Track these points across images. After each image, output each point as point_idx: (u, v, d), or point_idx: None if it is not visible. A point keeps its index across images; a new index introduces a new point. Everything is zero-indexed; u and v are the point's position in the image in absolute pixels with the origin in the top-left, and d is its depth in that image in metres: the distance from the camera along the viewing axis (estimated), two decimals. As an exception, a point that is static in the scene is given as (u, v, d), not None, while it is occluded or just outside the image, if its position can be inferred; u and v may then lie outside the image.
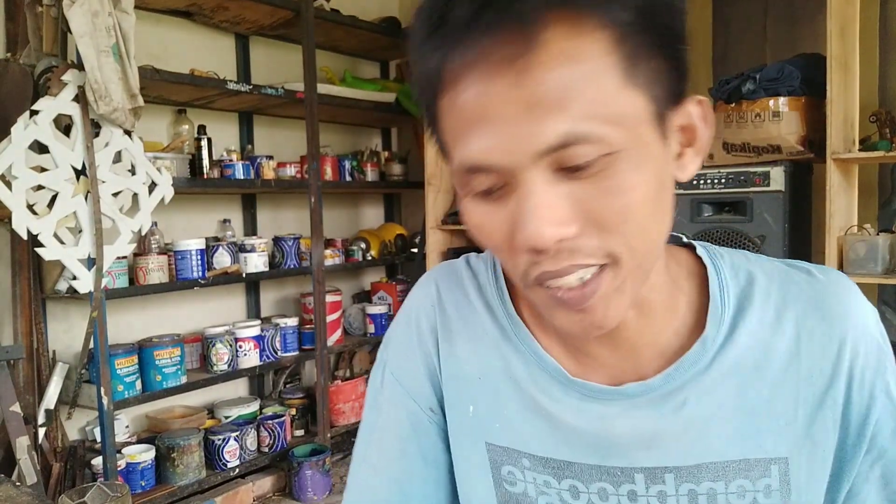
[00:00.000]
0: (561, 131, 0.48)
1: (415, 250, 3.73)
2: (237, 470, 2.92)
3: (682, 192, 2.67)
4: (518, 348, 0.66)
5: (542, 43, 0.47)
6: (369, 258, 3.65)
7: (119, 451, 2.55)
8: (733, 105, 2.60)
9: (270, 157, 3.16)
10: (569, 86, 0.48)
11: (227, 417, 3.07)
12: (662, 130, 0.53)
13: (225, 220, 3.24)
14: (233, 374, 2.96)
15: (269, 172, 3.11)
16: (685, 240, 0.68)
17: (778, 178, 2.48)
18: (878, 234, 2.39)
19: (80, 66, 2.23)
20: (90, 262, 2.34)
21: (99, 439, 2.50)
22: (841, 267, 2.44)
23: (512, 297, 0.69)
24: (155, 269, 2.69)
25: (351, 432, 3.55)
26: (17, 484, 1.07)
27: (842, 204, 2.48)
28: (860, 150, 2.47)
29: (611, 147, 0.49)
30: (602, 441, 0.63)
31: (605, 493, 0.63)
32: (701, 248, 0.66)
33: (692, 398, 0.61)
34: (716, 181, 2.60)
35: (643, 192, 0.51)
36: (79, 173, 2.29)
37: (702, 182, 2.63)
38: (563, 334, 0.65)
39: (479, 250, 0.74)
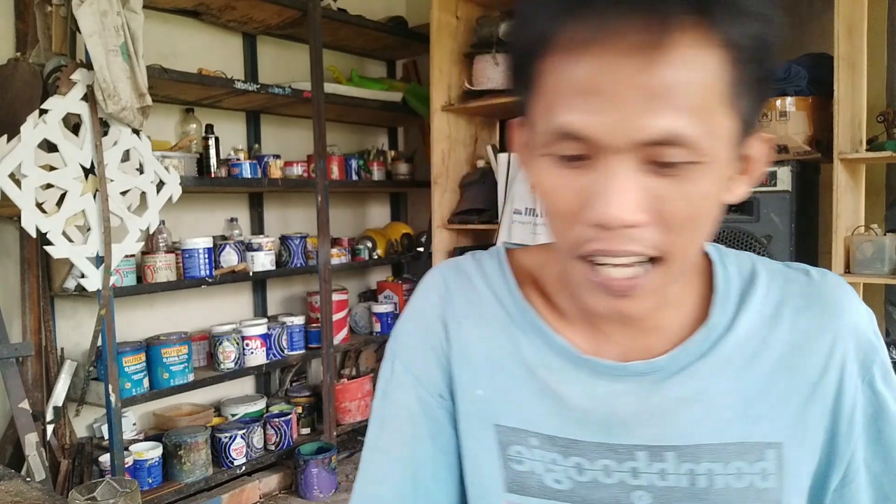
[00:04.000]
0: (665, 128, 0.51)
1: (421, 249, 3.74)
2: (244, 468, 2.93)
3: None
4: (526, 332, 0.69)
5: (671, 42, 0.50)
6: (376, 257, 3.66)
7: (126, 449, 2.56)
8: (740, 105, 2.59)
9: (277, 157, 3.17)
10: (685, 90, 0.51)
11: (233, 415, 3.08)
12: (735, 154, 0.57)
13: (232, 219, 3.25)
14: (239, 372, 2.97)
15: (276, 171, 3.12)
16: None
17: (785, 177, 2.47)
18: (885, 235, 2.39)
19: (88, 66, 2.24)
20: (98, 261, 2.35)
21: (106, 436, 2.51)
22: (848, 267, 2.44)
23: (521, 288, 0.71)
24: (163, 268, 2.70)
25: (357, 430, 3.55)
26: (28, 479, 1.08)
27: (849, 204, 2.47)
28: (867, 150, 2.46)
29: (699, 156, 0.53)
30: (607, 418, 0.65)
31: (608, 469, 0.66)
32: (710, 246, 0.69)
33: (694, 380, 0.64)
34: (722, 181, 2.60)
35: (710, 204, 0.56)
36: (87, 172, 2.31)
37: (708, 182, 2.63)
38: (582, 312, 0.67)
39: (485, 250, 0.76)
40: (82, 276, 2.34)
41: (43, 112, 2.19)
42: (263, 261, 3.05)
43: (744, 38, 0.52)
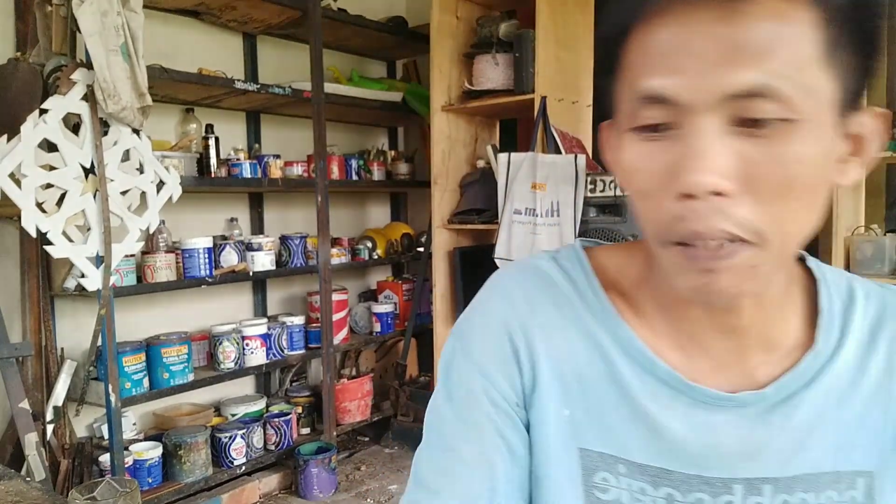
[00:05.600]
0: (753, 80, 0.49)
1: (421, 249, 3.74)
2: (243, 468, 2.93)
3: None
4: (626, 351, 0.64)
5: None
6: (375, 257, 3.66)
7: (126, 449, 2.56)
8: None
9: (277, 156, 3.17)
10: (772, 40, 0.49)
11: (233, 415, 3.08)
12: (841, 124, 0.54)
13: (232, 219, 3.25)
14: (239, 371, 2.97)
15: (276, 171, 3.12)
16: None
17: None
18: (885, 235, 2.39)
19: (88, 66, 2.24)
20: (98, 260, 2.35)
21: (106, 436, 2.51)
22: (848, 268, 2.44)
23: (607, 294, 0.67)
24: (163, 268, 2.70)
25: (357, 430, 3.56)
26: (28, 479, 1.08)
27: (849, 204, 2.47)
28: (868, 150, 2.46)
29: (792, 112, 0.49)
30: (706, 450, 0.62)
31: (701, 503, 0.63)
32: (811, 260, 0.67)
33: (798, 410, 0.62)
34: (722, 181, 2.60)
35: (808, 170, 0.51)
36: (87, 172, 2.31)
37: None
38: (669, 317, 0.64)
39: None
40: (82, 275, 2.34)
41: (43, 112, 2.19)
42: (263, 261, 3.05)
43: None
